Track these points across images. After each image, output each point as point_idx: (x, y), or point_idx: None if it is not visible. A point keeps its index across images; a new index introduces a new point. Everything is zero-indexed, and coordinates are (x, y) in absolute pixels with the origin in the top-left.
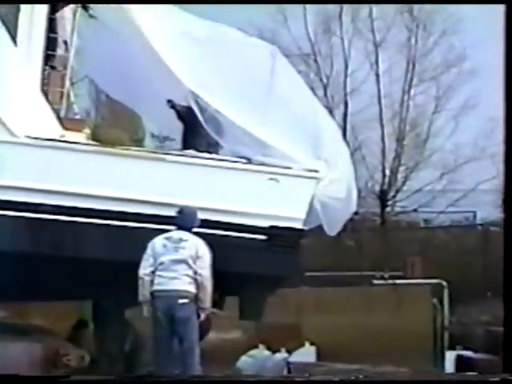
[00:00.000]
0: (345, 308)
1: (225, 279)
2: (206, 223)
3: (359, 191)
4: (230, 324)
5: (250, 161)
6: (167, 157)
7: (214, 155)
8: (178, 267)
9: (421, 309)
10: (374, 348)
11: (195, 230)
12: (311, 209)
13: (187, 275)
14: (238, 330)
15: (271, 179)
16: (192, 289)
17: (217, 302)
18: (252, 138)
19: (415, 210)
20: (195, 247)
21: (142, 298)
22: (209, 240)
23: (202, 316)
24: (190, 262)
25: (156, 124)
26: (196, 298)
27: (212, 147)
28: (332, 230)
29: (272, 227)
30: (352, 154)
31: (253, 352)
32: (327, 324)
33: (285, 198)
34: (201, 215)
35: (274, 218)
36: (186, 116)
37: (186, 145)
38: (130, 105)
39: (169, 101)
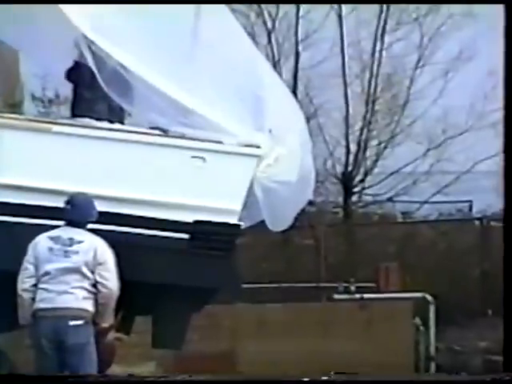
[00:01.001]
0: (296, 332)
1: (133, 293)
2: (105, 217)
3: (316, 174)
4: (140, 354)
5: (166, 133)
6: (54, 127)
7: (117, 125)
8: (69, 278)
9: (398, 332)
10: None
11: (91, 226)
12: (250, 198)
13: (82, 288)
14: (150, 361)
15: (196, 157)
16: (88, 306)
17: (122, 325)
18: (170, 102)
19: (391, 200)
20: (93, 250)
21: (23, 320)
22: (110, 240)
23: (103, 343)
24: (85, 270)
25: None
26: (94, 319)
27: (115, 114)
28: (276, 224)
29: (197, 223)
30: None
31: None
32: (271, 353)
33: (214, 182)
34: (99, 206)
35: (200, 211)
36: (77, 72)
37: (79, 111)
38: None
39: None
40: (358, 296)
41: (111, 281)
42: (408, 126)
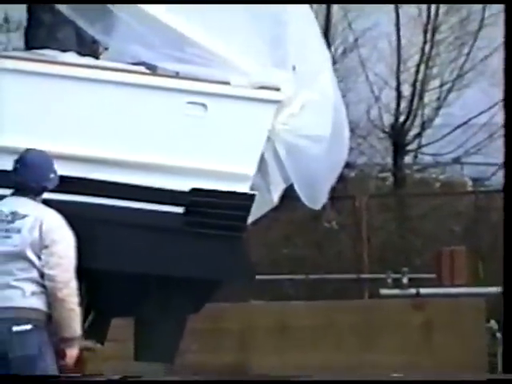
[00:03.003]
0: (328, 339)
1: (108, 287)
2: (71, 184)
3: (354, 126)
4: (117, 369)
5: (154, 70)
6: (4, 62)
7: (88, 59)
8: (12, 266)
9: (466, 340)
10: None
11: (48, 195)
12: (268, 158)
13: (30, 280)
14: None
15: (193, 103)
16: (40, 304)
17: (93, 330)
18: (161, 29)
19: (457, 161)
20: (38, 226)
21: None
22: (76, 214)
23: (67, 354)
24: (31, 255)
25: None
26: (49, 323)
27: (85, 46)
28: (313, 197)
29: (195, 192)
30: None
31: None
32: (294, 368)
33: (218, 137)
34: (61, 169)
35: (199, 176)
36: None
37: (36, 40)
38: None
39: None
40: (412, 291)
41: (57, 269)
42: (481, 61)
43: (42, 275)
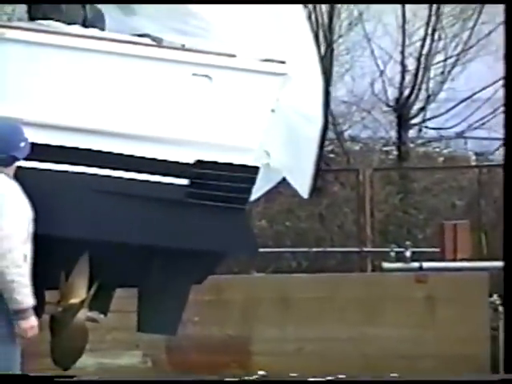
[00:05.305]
0: (330, 312)
1: (111, 258)
2: (76, 155)
3: (358, 100)
4: (120, 340)
5: (159, 42)
6: (7, 32)
7: (91, 30)
8: None
9: (469, 314)
10: None
11: (55, 166)
12: (271, 130)
13: None
14: (134, 350)
15: (198, 75)
16: None
17: (97, 301)
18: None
19: (461, 135)
20: None
21: None
22: (81, 185)
23: (20, 327)
24: None
25: None
26: None
27: (91, 18)
28: (302, 182)
29: (199, 163)
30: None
31: None
32: (296, 341)
33: (222, 109)
34: (68, 140)
35: (203, 148)
36: None
37: (39, 11)
38: None
39: None
40: (415, 265)
41: None
42: (487, 35)
43: None
